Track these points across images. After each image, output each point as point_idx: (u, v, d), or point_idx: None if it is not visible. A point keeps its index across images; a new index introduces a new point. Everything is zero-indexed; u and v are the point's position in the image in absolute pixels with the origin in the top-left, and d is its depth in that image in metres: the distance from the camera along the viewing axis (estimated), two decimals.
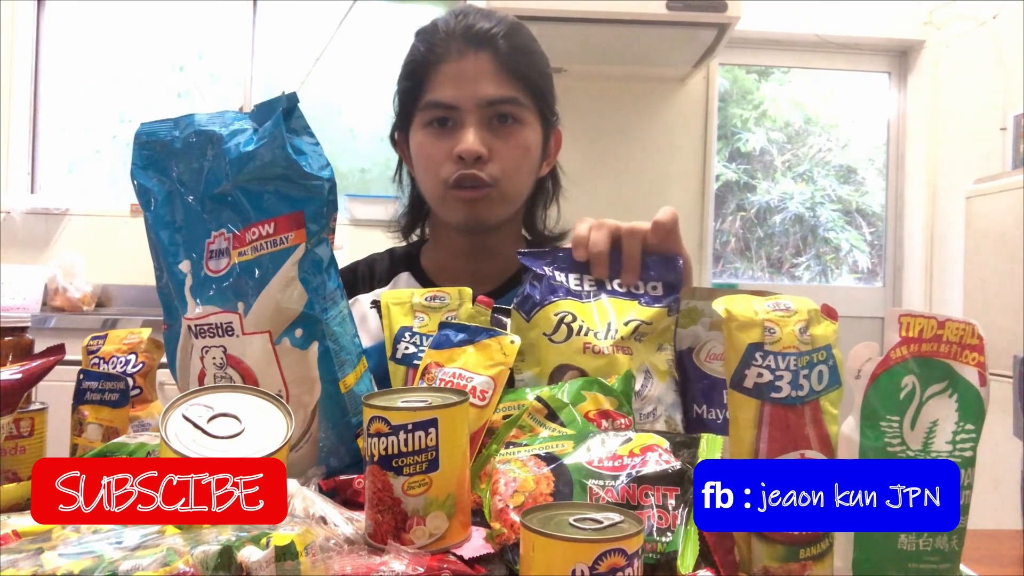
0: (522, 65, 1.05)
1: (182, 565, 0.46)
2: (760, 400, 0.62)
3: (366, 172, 3.33)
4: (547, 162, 1.15)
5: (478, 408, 0.73)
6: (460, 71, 1.03)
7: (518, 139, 1.05)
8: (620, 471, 0.61)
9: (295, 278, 0.74)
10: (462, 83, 1.03)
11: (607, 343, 0.81)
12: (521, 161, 1.06)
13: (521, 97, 1.05)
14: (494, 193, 1.05)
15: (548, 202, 1.20)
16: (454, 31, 1.04)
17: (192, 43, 3.25)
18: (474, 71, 1.02)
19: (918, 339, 0.57)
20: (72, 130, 3.23)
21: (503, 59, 1.03)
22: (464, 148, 1.01)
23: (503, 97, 1.03)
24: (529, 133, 1.07)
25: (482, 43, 1.03)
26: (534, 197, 1.17)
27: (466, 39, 1.03)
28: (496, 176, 1.04)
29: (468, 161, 1.02)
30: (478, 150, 1.01)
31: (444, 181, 1.04)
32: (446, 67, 1.04)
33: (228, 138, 0.75)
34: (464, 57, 1.03)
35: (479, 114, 1.03)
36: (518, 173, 1.07)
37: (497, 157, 1.04)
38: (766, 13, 3.17)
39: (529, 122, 1.07)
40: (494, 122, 1.04)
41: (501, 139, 1.04)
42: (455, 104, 1.03)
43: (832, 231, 3.54)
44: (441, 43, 1.04)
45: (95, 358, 0.94)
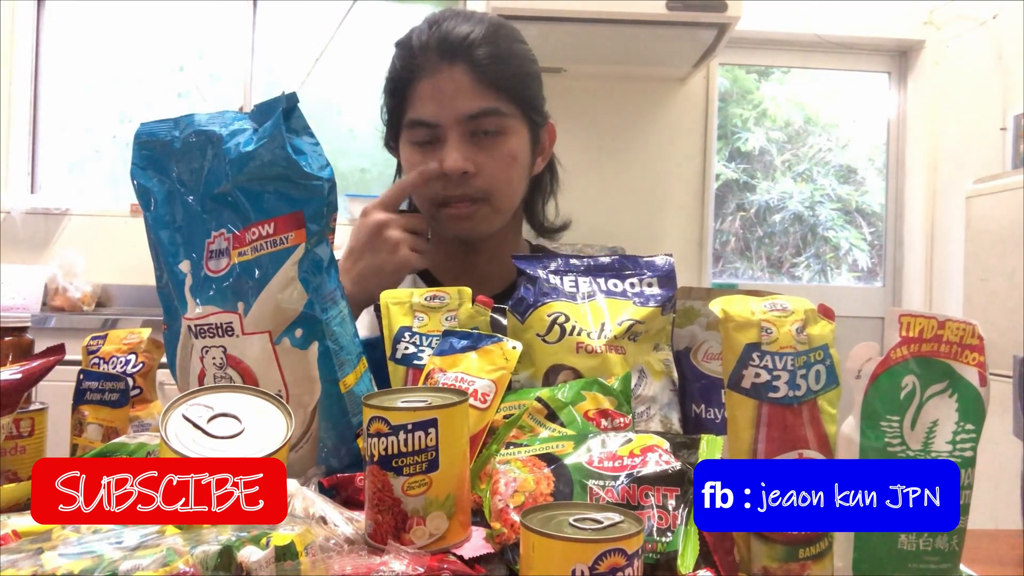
0: (502, 73, 1.02)
1: (182, 565, 0.46)
2: (758, 400, 0.62)
3: (366, 172, 3.33)
4: (542, 158, 1.13)
5: (479, 411, 0.73)
6: (437, 87, 1.00)
7: (504, 150, 1.03)
8: (620, 471, 0.61)
9: (295, 278, 0.74)
10: (441, 100, 1.00)
11: (600, 343, 0.81)
12: (509, 171, 1.05)
13: (503, 107, 1.02)
14: (485, 208, 1.04)
15: (547, 196, 1.18)
16: (428, 44, 1.01)
17: (192, 43, 3.25)
18: (452, 87, 1.00)
19: (918, 339, 0.57)
20: (72, 130, 3.23)
21: (481, 70, 1.00)
22: (448, 167, 1.00)
23: (484, 110, 1.01)
24: (515, 141, 1.05)
25: (457, 55, 1.00)
26: (532, 193, 1.16)
27: (440, 52, 1.01)
28: (486, 190, 1.03)
29: (455, 178, 1.01)
30: (462, 167, 1.00)
31: (433, 199, 1.04)
32: (423, 84, 1.02)
33: (228, 138, 0.75)
34: (439, 72, 1.00)
35: (461, 129, 1.01)
36: (508, 183, 1.05)
37: (484, 170, 1.02)
38: (766, 13, 3.17)
39: (514, 129, 1.04)
40: (478, 135, 1.02)
41: (486, 152, 1.02)
42: (436, 122, 1.01)
43: (831, 230, 3.54)
44: (417, 58, 1.02)
45: (95, 358, 0.94)
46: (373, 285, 0.95)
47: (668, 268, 0.88)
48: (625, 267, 0.89)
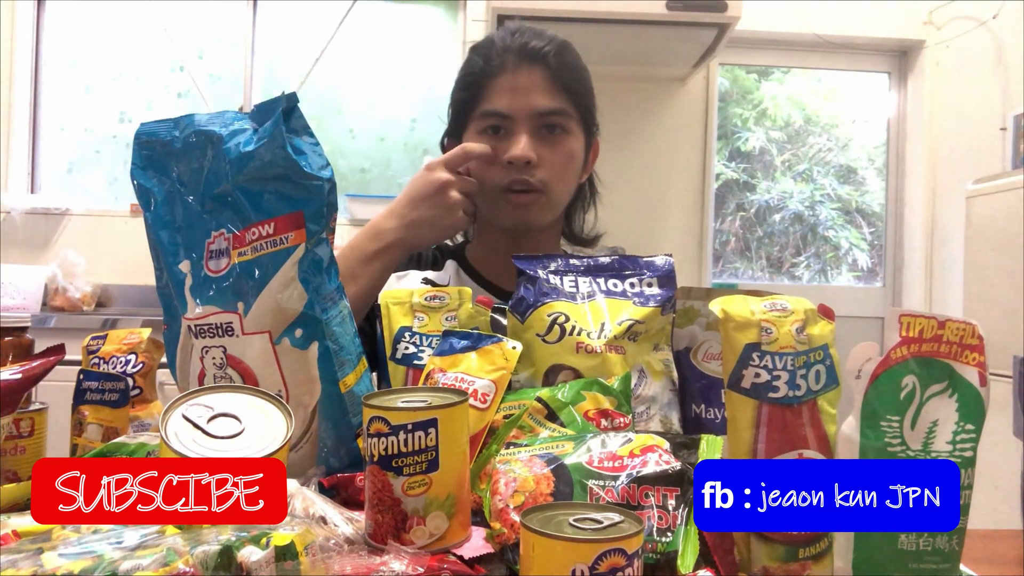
0: (570, 80, 1.14)
1: (182, 565, 0.46)
2: (758, 400, 0.62)
3: (366, 172, 3.33)
4: (586, 169, 1.24)
5: (479, 411, 0.73)
6: (515, 84, 1.11)
7: (564, 147, 1.14)
8: (620, 471, 0.61)
9: (295, 278, 0.74)
10: (516, 95, 1.11)
11: (600, 343, 0.81)
12: (566, 168, 1.15)
13: (568, 109, 1.13)
14: (543, 199, 1.13)
15: (586, 206, 1.29)
16: (510, 47, 1.13)
17: (192, 43, 3.25)
18: (527, 84, 1.11)
19: (918, 339, 0.57)
20: (72, 130, 3.23)
21: (554, 74, 1.12)
22: (516, 154, 1.09)
23: (552, 109, 1.12)
24: (574, 142, 1.15)
25: (535, 59, 1.12)
26: (573, 202, 1.25)
27: (521, 55, 1.12)
28: (545, 181, 1.12)
29: (519, 166, 1.10)
30: (529, 156, 1.09)
31: (497, 185, 1.12)
32: (501, 80, 1.12)
33: (228, 138, 0.75)
34: (519, 71, 1.12)
35: (530, 124, 1.11)
36: (563, 179, 1.15)
37: (545, 164, 1.11)
38: (766, 13, 3.17)
39: (574, 132, 1.15)
40: (543, 131, 1.12)
41: (549, 147, 1.12)
42: (509, 113, 1.11)
43: (831, 230, 3.54)
44: (497, 57, 1.13)
45: (95, 358, 0.94)
46: (426, 235, 1.08)
47: (668, 268, 0.88)
48: (625, 267, 0.89)
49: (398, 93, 3.31)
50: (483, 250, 1.25)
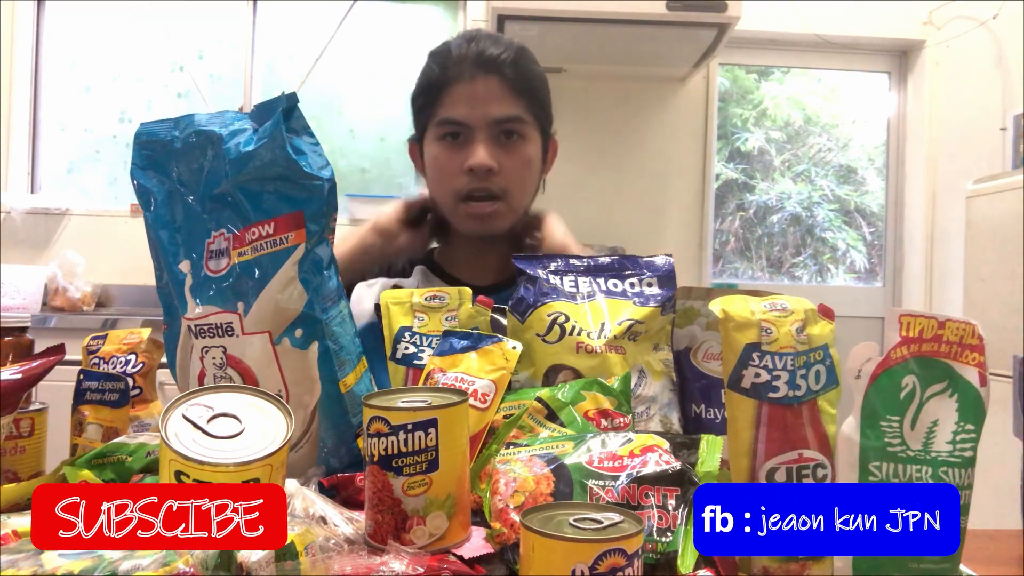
0: (526, 87, 1.15)
1: (182, 565, 0.46)
2: (758, 400, 0.62)
3: (366, 172, 3.33)
4: (545, 169, 1.24)
5: (479, 411, 0.73)
6: (471, 92, 1.12)
7: (522, 153, 1.15)
8: (620, 471, 0.61)
9: (295, 278, 0.74)
10: (473, 104, 1.12)
11: (600, 343, 0.81)
12: (525, 173, 1.16)
13: (524, 115, 1.14)
14: (503, 207, 1.14)
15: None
16: (466, 55, 1.13)
17: (192, 43, 3.25)
18: (484, 93, 1.12)
19: (918, 339, 0.57)
20: (72, 130, 3.23)
21: (510, 82, 1.13)
22: (476, 162, 1.10)
23: (510, 116, 1.13)
24: (531, 147, 1.16)
25: (491, 68, 1.12)
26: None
27: (477, 64, 1.12)
28: (505, 188, 1.13)
29: (479, 174, 1.11)
30: (490, 164, 1.10)
31: (457, 193, 1.13)
32: (458, 88, 1.13)
33: (228, 138, 0.75)
34: (475, 80, 1.12)
35: (488, 131, 1.12)
36: (523, 185, 1.17)
37: (505, 170, 1.13)
38: (766, 13, 3.16)
39: (531, 137, 1.16)
40: (501, 138, 1.13)
41: (507, 153, 1.13)
42: (467, 122, 1.12)
43: (829, 231, 3.54)
44: (454, 66, 1.13)
45: (95, 358, 0.94)
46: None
47: (668, 268, 0.88)
48: (625, 267, 0.89)
49: (398, 93, 3.31)
50: (449, 250, 1.27)
